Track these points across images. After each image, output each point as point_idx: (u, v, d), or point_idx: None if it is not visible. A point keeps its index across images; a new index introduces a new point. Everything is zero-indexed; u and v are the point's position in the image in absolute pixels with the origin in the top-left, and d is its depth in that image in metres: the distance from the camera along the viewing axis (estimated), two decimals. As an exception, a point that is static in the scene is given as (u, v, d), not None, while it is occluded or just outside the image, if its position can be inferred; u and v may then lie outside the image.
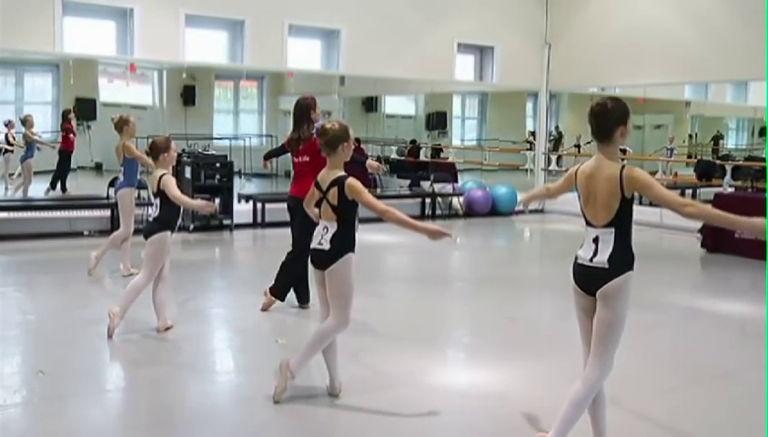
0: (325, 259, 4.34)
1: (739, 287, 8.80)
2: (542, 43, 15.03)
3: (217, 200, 11.30)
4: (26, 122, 13.37)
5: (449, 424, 4.32)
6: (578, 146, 21.24)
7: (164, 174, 5.66)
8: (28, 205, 11.37)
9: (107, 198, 10.83)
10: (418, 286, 8.19)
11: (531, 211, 14.72)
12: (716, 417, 4.48)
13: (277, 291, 6.59)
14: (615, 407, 4.09)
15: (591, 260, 3.59)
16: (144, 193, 9.84)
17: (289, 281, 6.63)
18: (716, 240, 10.18)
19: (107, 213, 10.70)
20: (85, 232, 10.55)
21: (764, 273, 9.23)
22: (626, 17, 13.85)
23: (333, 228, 4.33)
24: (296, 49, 12.85)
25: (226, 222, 11.37)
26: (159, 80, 20.67)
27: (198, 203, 5.82)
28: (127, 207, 7.87)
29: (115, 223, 10.60)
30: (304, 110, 6.48)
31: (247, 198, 12.36)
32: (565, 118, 23.57)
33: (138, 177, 8.08)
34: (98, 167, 18.46)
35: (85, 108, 17.98)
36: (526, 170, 19.41)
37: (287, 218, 11.89)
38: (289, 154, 6.81)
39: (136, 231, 7.49)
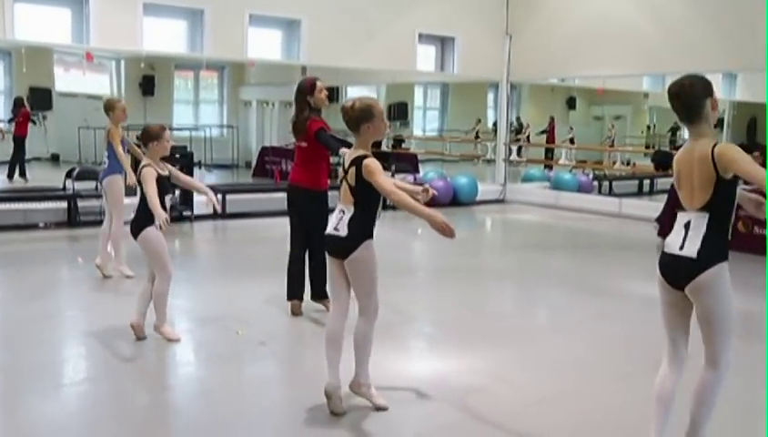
0: (342, 246, 4.12)
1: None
2: (503, 34, 15.11)
3: (178, 192, 11.18)
4: None
5: (410, 414, 4.33)
6: (527, 136, 21.54)
7: (146, 165, 5.28)
8: (-19, 197, 11.10)
9: (64, 189, 10.64)
10: (379, 276, 8.19)
11: (492, 201, 14.84)
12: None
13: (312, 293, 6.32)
14: (572, 394, 4.14)
15: (680, 248, 3.32)
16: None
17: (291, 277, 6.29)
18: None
19: (64, 205, 10.50)
20: (41, 224, 10.35)
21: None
22: (585, 9, 14.00)
23: (350, 211, 4.12)
24: (256, 39, 12.73)
25: (186, 214, 11.24)
26: (117, 70, 20.35)
27: (160, 214, 5.18)
28: (117, 194, 7.31)
29: (71, 215, 10.44)
30: (301, 92, 6.17)
31: (208, 189, 12.21)
32: (526, 109, 23.78)
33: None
34: (54, 158, 18.14)
35: (40, 98, 17.64)
36: (487, 160, 19.56)
37: (247, 209, 11.93)
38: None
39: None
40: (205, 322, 6.18)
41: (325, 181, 6.14)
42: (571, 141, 20.69)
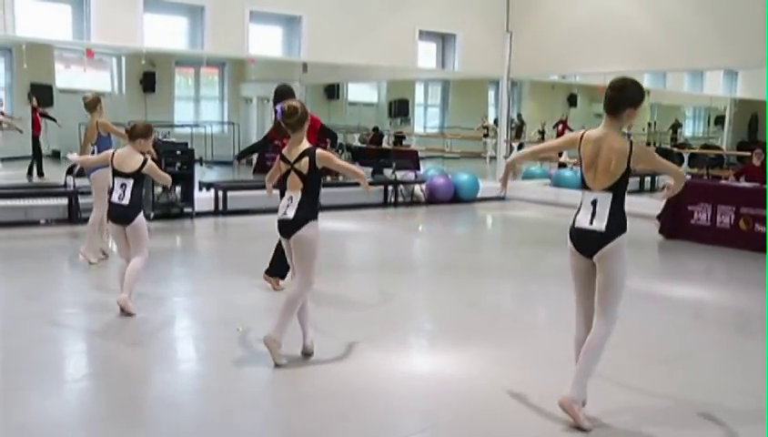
0: (290, 227, 4.73)
1: (694, 272, 8.97)
2: (504, 31, 15.10)
3: (178, 188, 11.19)
4: None
5: (411, 409, 4.34)
6: (542, 132, 21.38)
7: (146, 158, 5.96)
8: (-18, 193, 11.09)
9: (65, 185, 10.64)
10: (379, 273, 8.21)
11: (493, 198, 14.81)
12: (669, 397, 4.57)
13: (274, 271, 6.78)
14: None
15: (590, 224, 3.89)
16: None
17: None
18: (673, 227, 10.38)
19: (65, 201, 10.50)
20: (42, 221, 10.35)
21: (717, 259, 9.44)
22: (586, 6, 13.99)
23: (298, 197, 4.70)
24: (257, 36, 12.73)
25: (187, 210, 11.25)
26: (118, 66, 20.34)
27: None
28: (103, 188, 7.61)
29: (72, 211, 10.45)
30: (290, 93, 6.61)
31: (209, 185, 12.23)
32: (527, 106, 23.74)
33: None
34: (56, 155, 18.13)
35: (42, 94, 17.62)
36: (486, 158, 19.56)
37: (248, 205, 11.94)
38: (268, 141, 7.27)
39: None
40: (205, 319, 6.19)
41: None
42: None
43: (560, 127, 21.23)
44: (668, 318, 6.60)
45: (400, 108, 23.13)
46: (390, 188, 13.87)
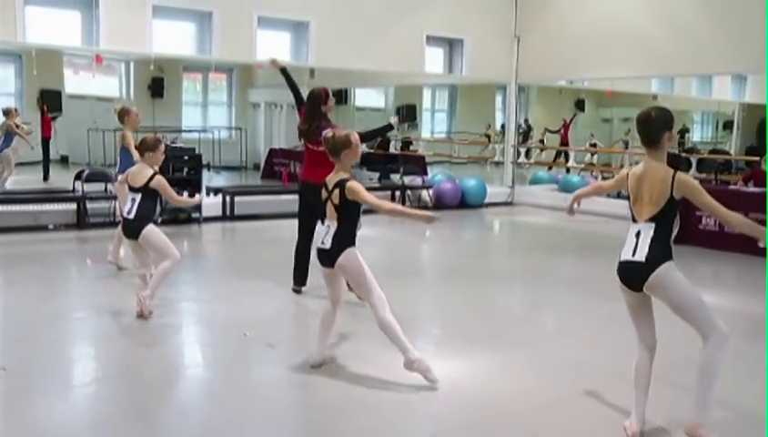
0: (328, 258, 4.69)
1: (702, 278, 8.92)
2: (511, 36, 15.10)
3: (185, 193, 11.22)
4: (9, 113, 13.25)
5: (418, 415, 4.34)
6: (542, 141, 21.41)
7: (155, 173, 5.98)
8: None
9: (73, 191, 10.69)
10: (387, 278, 8.14)
11: (500, 203, 14.83)
12: (675, 406, 4.55)
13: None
14: (579, 397, 4.14)
15: (633, 255, 3.84)
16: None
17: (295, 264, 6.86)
18: (681, 232, 10.32)
19: (73, 206, 10.55)
20: (51, 226, 10.39)
21: (726, 264, 9.40)
22: (594, 11, 13.98)
23: (334, 226, 4.67)
24: (265, 41, 12.76)
25: (194, 215, 11.27)
26: (126, 72, 20.43)
27: (192, 202, 6.90)
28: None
29: (80, 217, 10.48)
30: (314, 100, 6.73)
31: (216, 191, 12.26)
32: (534, 111, 23.72)
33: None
34: (64, 160, 18.21)
35: (51, 100, 17.73)
36: (488, 164, 19.55)
37: (255, 210, 11.97)
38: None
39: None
40: (213, 324, 6.20)
41: None
42: (593, 145, 20.56)
43: (563, 130, 21.27)
44: (676, 322, 6.56)
45: (408, 113, 23.15)
46: (398, 193, 13.88)
